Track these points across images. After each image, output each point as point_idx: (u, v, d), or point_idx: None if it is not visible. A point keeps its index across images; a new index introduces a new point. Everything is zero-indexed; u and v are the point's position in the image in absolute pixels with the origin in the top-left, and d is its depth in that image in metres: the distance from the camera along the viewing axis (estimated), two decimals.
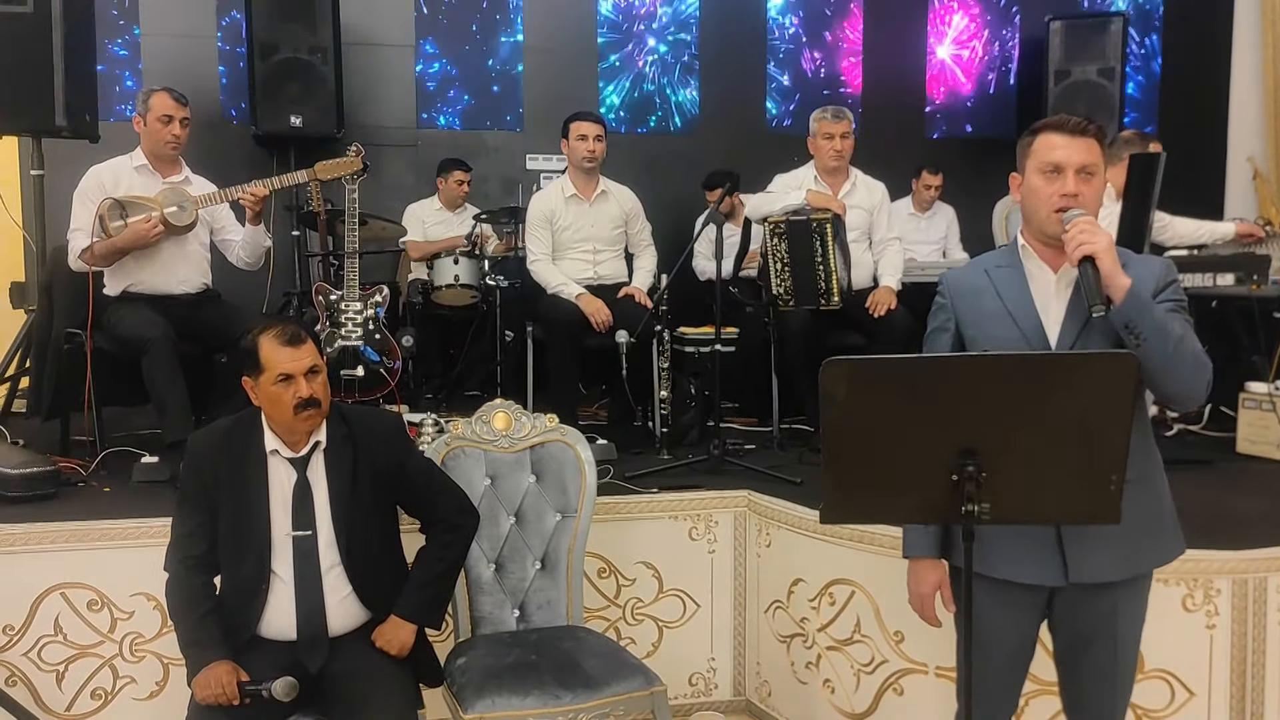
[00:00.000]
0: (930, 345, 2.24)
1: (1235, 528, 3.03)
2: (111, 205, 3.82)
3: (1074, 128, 2.05)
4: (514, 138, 6.61)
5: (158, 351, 3.75)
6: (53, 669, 3.15)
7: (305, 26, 5.80)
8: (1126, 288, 1.94)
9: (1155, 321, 1.95)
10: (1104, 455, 1.76)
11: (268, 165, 6.03)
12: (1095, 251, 1.94)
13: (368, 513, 2.56)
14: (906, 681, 3.07)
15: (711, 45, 6.80)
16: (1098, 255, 1.94)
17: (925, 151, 6.68)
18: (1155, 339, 1.93)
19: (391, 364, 4.14)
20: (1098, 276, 1.95)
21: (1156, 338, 1.93)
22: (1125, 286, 1.94)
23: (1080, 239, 1.95)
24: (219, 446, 2.54)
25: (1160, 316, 1.97)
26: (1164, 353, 1.94)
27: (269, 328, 2.50)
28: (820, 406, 1.80)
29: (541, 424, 3.04)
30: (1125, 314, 1.94)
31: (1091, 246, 1.95)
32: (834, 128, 4.45)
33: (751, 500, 3.55)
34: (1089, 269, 1.95)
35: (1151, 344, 1.93)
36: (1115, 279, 1.94)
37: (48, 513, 3.28)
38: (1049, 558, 2.07)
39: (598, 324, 4.29)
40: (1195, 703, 2.83)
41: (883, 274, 4.52)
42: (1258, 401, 4.16)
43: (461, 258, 5.16)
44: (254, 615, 2.49)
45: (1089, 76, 6.44)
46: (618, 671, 2.65)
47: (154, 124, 3.96)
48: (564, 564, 2.98)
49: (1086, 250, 1.95)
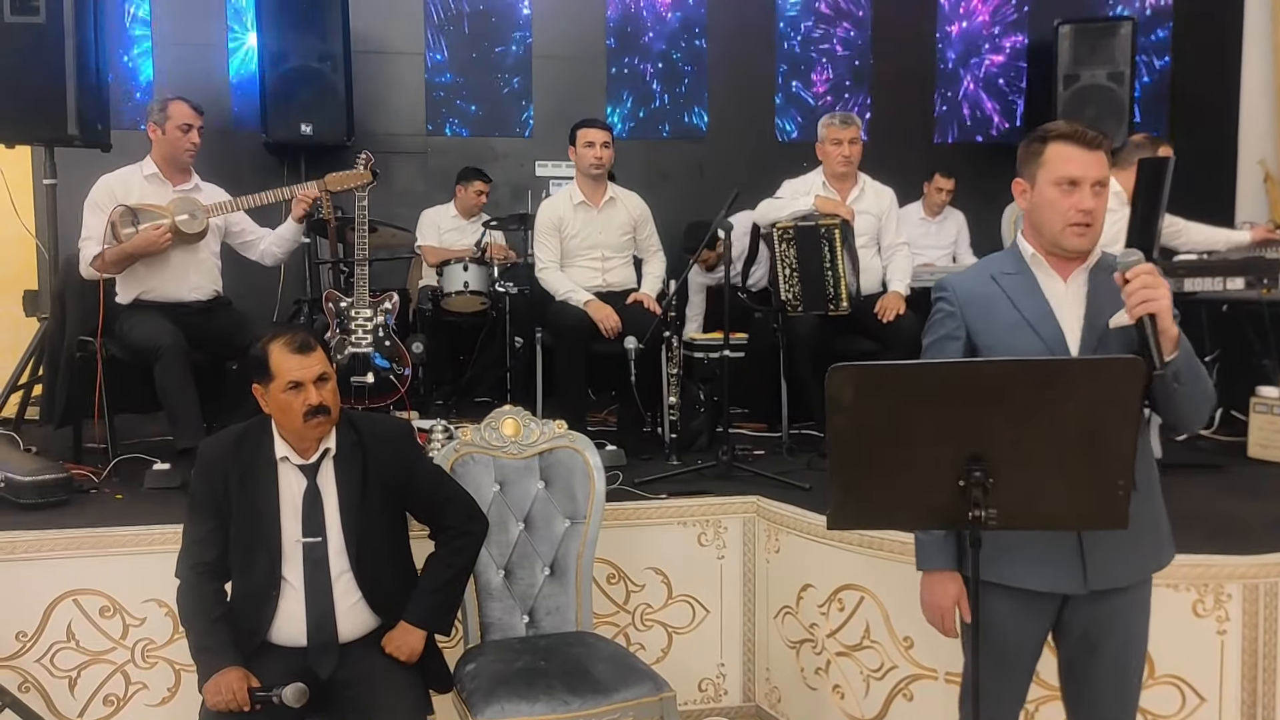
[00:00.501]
0: (936, 354, 2.17)
1: (1246, 533, 3.02)
2: (124, 212, 3.85)
3: (1090, 141, 2.02)
4: (523, 144, 6.63)
5: (169, 359, 3.77)
6: (65, 675, 3.16)
7: (315, 35, 5.83)
8: (1176, 339, 1.92)
9: (1196, 370, 1.96)
10: (1111, 460, 1.77)
11: (278, 173, 6.06)
12: (1160, 310, 1.89)
13: (377, 519, 2.57)
14: (916, 687, 3.07)
15: (721, 52, 6.81)
16: (1160, 314, 1.90)
17: (934, 156, 6.67)
18: (1193, 384, 1.94)
19: (401, 370, 4.16)
20: (1157, 332, 1.90)
21: (1193, 383, 1.94)
22: (1175, 338, 1.91)
23: (1144, 294, 1.89)
24: (229, 454, 2.55)
25: (1199, 364, 1.98)
26: (1193, 394, 1.96)
27: (279, 335, 2.52)
28: (827, 412, 1.81)
29: (550, 430, 3.05)
30: (1176, 366, 1.92)
31: (1157, 305, 1.89)
32: (842, 133, 4.45)
33: (761, 506, 3.55)
34: (1150, 324, 1.90)
35: (1189, 388, 1.93)
36: (1169, 331, 1.91)
37: (60, 520, 3.30)
38: (1070, 565, 2.06)
39: (606, 330, 4.29)
40: (1206, 708, 2.81)
41: (891, 279, 4.51)
42: (1269, 406, 4.14)
43: (471, 264, 5.17)
44: (265, 621, 2.50)
45: (1098, 81, 6.42)
46: (627, 677, 2.65)
47: (174, 132, 3.99)
48: (573, 570, 2.98)
49: (1151, 309, 1.89)
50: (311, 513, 2.52)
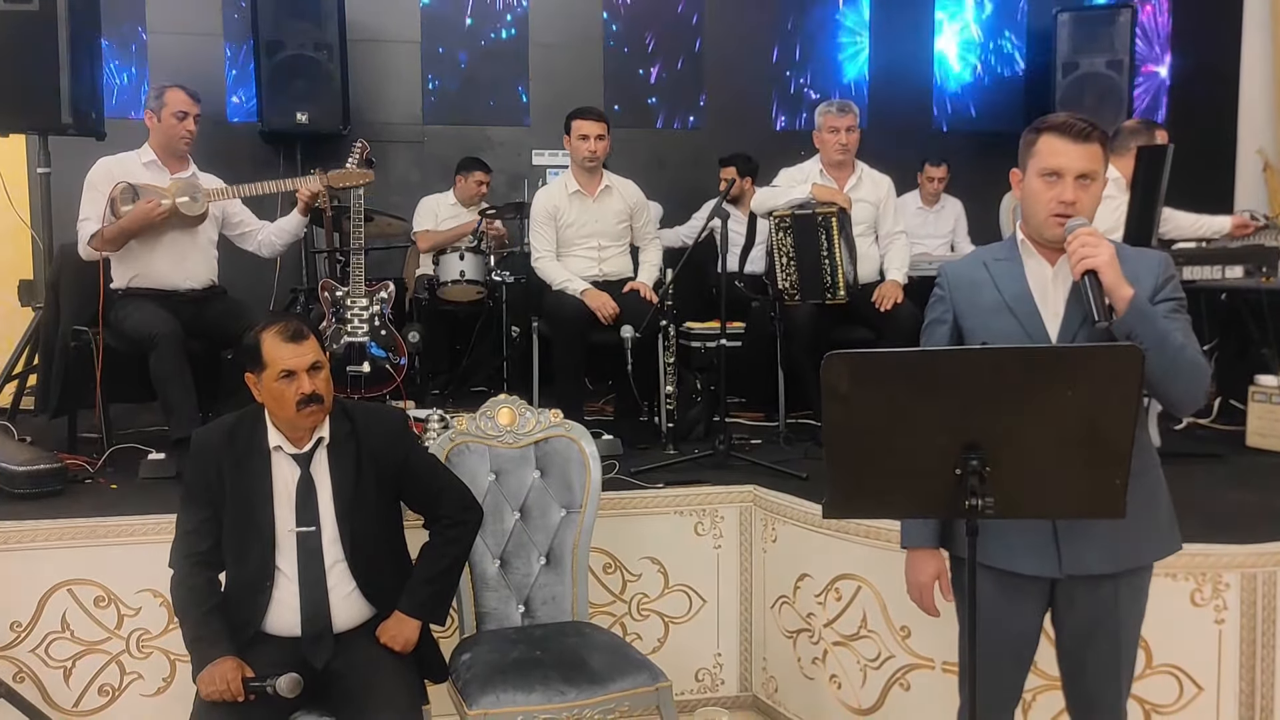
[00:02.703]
0: (928, 336, 2.25)
1: (1244, 522, 3.01)
2: (125, 188, 3.82)
3: (1078, 134, 2.03)
4: (520, 133, 6.61)
5: (165, 348, 3.76)
6: (60, 665, 3.16)
7: (311, 23, 5.81)
8: (1129, 298, 1.94)
9: (1157, 331, 1.94)
10: (1108, 449, 1.75)
11: (274, 162, 6.04)
12: (1098, 265, 1.95)
13: (371, 509, 2.56)
14: (913, 677, 3.06)
15: (718, 40, 6.78)
16: (1100, 269, 1.95)
17: (932, 145, 6.65)
18: (1156, 349, 1.92)
19: (398, 360, 4.15)
20: (1100, 289, 1.95)
21: (1157, 347, 1.92)
22: (1127, 298, 1.94)
23: (1082, 253, 1.96)
24: (222, 443, 2.54)
25: (1161, 326, 1.96)
26: (1164, 362, 1.94)
27: (271, 324, 2.50)
28: (822, 400, 1.79)
29: (546, 419, 3.04)
30: (1127, 325, 1.94)
31: (1093, 260, 1.95)
32: (839, 121, 4.43)
33: (757, 495, 3.54)
34: (1092, 281, 1.95)
35: (1152, 354, 1.90)
36: (1118, 289, 1.94)
37: (55, 509, 3.29)
38: (1045, 549, 2.08)
39: (604, 317, 4.28)
40: (1204, 698, 2.81)
41: (889, 268, 4.50)
42: (1267, 395, 4.13)
43: (468, 254, 5.16)
44: (259, 611, 2.49)
45: (1097, 69, 6.41)
46: (623, 667, 2.64)
47: (169, 120, 3.97)
48: (569, 559, 2.97)
49: (1089, 265, 1.95)
50: (305, 502, 2.51)
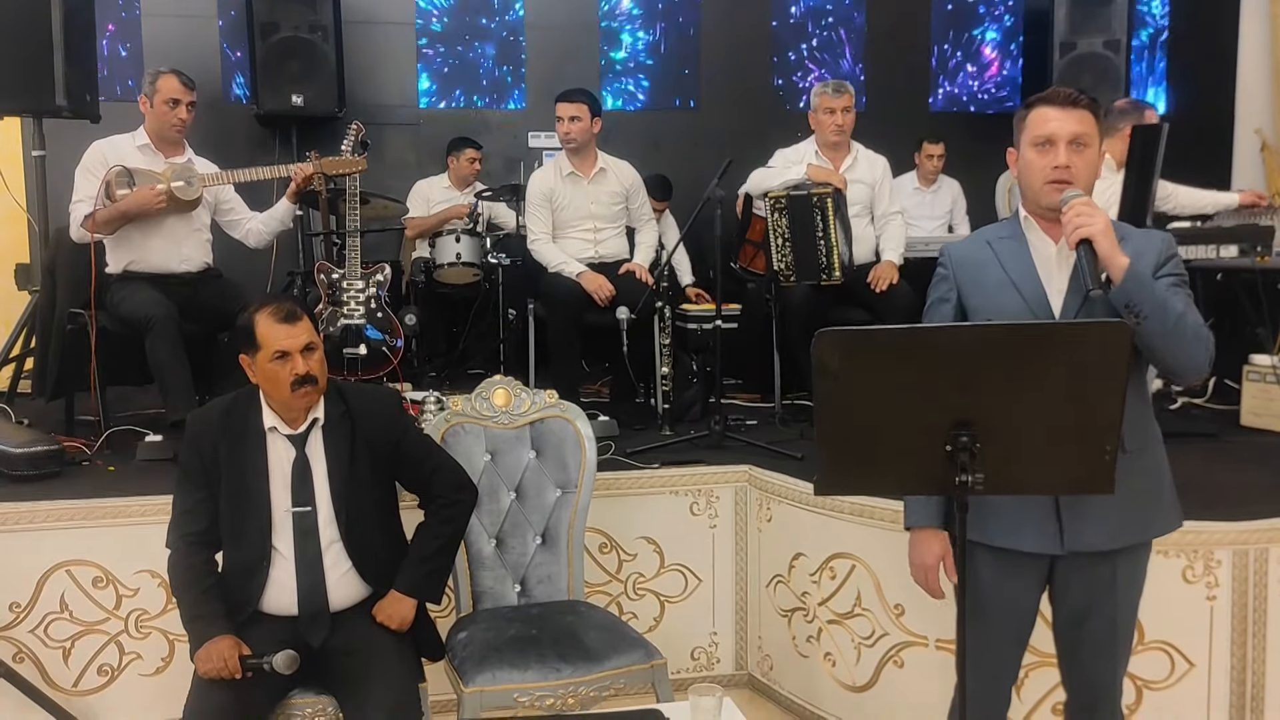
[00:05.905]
0: (930, 316, 2.25)
1: (1238, 500, 3.02)
2: (120, 172, 3.82)
3: (1065, 99, 2.06)
4: (515, 115, 6.58)
5: (161, 330, 3.77)
6: (59, 646, 3.18)
7: (306, 5, 5.78)
8: (1125, 267, 1.94)
9: (1155, 299, 1.95)
10: (1098, 425, 1.76)
11: (269, 145, 6.03)
12: (1092, 234, 1.95)
13: (366, 489, 2.57)
14: (907, 654, 3.08)
15: (716, 19, 6.75)
16: (1094, 238, 1.95)
17: (928, 125, 6.63)
18: (1155, 316, 1.93)
19: (394, 342, 4.15)
20: (1095, 258, 1.95)
21: (1157, 315, 1.93)
22: (1124, 266, 1.94)
23: (1077, 222, 1.96)
24: (218, 424, 2.55)
25: (1160, 294, 1.97)
26: (1164, 329, 1.94)
27: (265, 305, 2.50)
28: (814, 378, 1.80)
29: (541, 400, 3.04)
30: (1125, 293, 1.94)
31: (1089, 229, 1.95)
32: (835, 102, 4.42)
33: (753, 475, 3.56)
34: (1087, 251, 1.96)
35: (1152, 321, 1.93)
36: (1114, 259, 1.95)
37: (53, 491, 3.30)
38: (1047, 526, 2.09)
39: (600, 299, 4.28)
40: (1195, 674, 2.83)
41: (885, 248, 4.50)
42: (1261, 374, 4.14)
43: (464, 236, 5.15)
44: (255, 591, 2.51)
45: (1094, 49, 6.38)
46: (618, 645, 2.66)
47: (160, 106, 3.95)
48: (564, 539, 2.99)
49: (1084, 233, 1.95)
50: (301, 483, 2.52)
